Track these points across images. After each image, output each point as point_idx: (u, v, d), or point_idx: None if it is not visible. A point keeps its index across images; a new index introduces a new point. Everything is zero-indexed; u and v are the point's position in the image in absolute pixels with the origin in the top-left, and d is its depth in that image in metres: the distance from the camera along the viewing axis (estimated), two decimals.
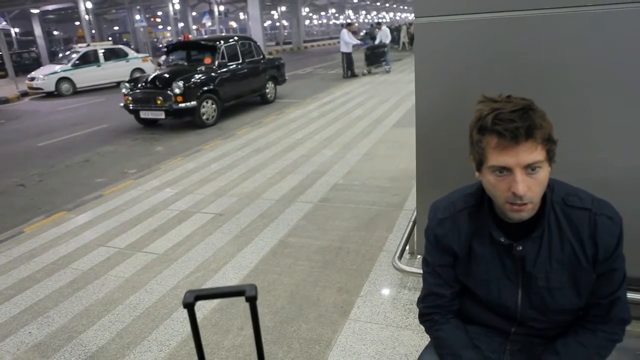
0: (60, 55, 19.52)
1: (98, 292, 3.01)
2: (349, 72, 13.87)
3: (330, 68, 17.74)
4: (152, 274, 3.17)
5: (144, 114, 8.39)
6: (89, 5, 23.76)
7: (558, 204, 1.17)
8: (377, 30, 15.38)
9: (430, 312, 1.33)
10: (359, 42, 14.67)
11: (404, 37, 23.65)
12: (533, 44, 1.98)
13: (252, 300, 0.96)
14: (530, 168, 1.05)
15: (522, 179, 1.05)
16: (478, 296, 1.28)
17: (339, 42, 14.50)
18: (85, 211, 4.51)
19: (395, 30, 25.52)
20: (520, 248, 1.17)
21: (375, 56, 14.17)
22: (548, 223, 1.16)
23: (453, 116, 2.11)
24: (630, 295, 2.06)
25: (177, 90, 7.85)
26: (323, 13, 58.63)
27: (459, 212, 1.25)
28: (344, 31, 13.80)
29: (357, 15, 66.09)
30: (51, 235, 4.01)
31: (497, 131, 1.05)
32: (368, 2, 58.18)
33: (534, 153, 1.05)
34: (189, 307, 0.98)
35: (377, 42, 14.98)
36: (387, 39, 14.57)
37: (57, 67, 15.41)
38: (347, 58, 13.86)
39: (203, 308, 2.71)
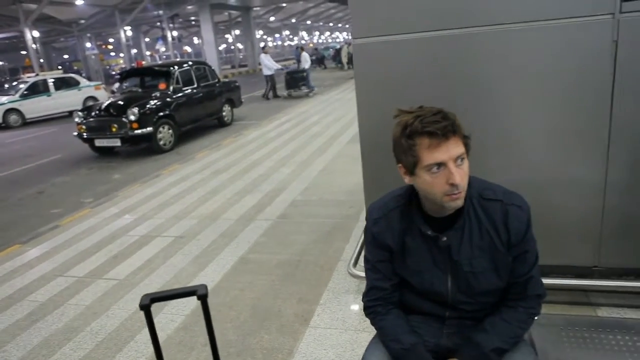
0: (7, 86, 18.85)
1: (58, 322, 2.98)
2: (272, 93, 14.53)
3: (285, 89, 17.97)
4: (114, 300, 3.17)
5: (99, 142, 8.28)
6: (36, 34, 23.21)
7: (475, 198, 1.33)
8: (301, 54, 15.90)
9: (373, 304, 1.47)
10: (279, 66, 15.19)
11: (344, 57, 24.33)
12: (458, 59, 2.20)
13: (203, 299, 1.07)
14: (460, 159, 1.22)
15: (456, 170, 1.21)
16: (414, 286, 1.43)
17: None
18: (41, 243, 4.43)
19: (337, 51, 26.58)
20: (445, 239, 1.32)
21: (295, 80, 14.73)
22: (468, 215, 1.32)
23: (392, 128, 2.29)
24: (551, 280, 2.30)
25: (132, 117, 7.82)
26: (277, 35, 59.40)
27: (391, 211, 1.40)
28: (263, 55, 14.32)
29: (311, 36, 67.32)
30: (5, 269, 3.92)
31: (427, 132, 1.20)
32: (321, 24, 59.45)
33: (459, 147, 1.23)
34: (145, 309, 1.08)
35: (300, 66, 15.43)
36: (307, 64, 15.15)
37: (4, 99, 14.89)
38: (270, 80, 14.48)
39: (167, 328, 2.75)
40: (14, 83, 17.15)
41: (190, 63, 9.87)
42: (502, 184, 1.40)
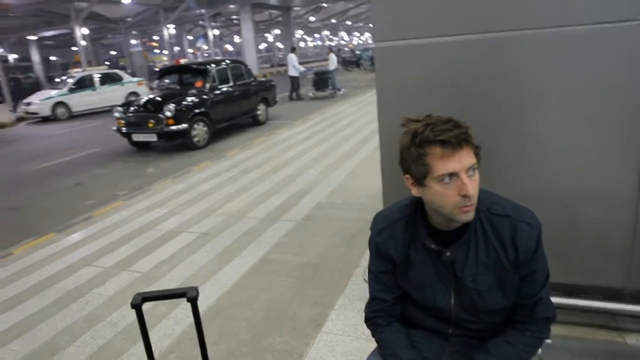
0: (57, 80, 19.76)
1: (81, 310, 3.09)
2: (295, 94, 14.53)
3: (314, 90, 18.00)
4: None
5: (136, 137, 8.54)
6: (85, 31, 24.20)
7: (483, 212, 1.28)
8: (329, 54, 15.80)
9: (374, 316, 1.44)
10: (303, 68, 15.22)
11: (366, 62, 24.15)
12: (485, 65, 2.13)
13: (193, 301, 1.08)
14: (472, 170, 1.18)
15: (468, 181, 1.16)
16: (416, 300, 1.39)
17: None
18: (74, 232, 4.61)
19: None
20: (449, 254, 1.28)
21: (322, 81, 14.77)
22: (474, 230, 1.27)
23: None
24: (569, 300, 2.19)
25: (168, 113, 8.02)
26: (317, 35, 59.61)
27: (395, 222, 1.37)
28: (291, 56, 14.31)
29: (351, 37, 67.21)
30: (39, 256, 4.10)
31: (440, 141, 1.15)
32: (361, 24, 59.23)
33: (471, 157, 1.18)
34: (137, 307, 1.10)
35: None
36: (333, 66, 15.06)
37: (53, 92, 15.64)
38: (294, 81, 14.47)
39: (182, 323, 2.80)
40: (63, 78, 17.93)
41: (227, 62, 10.05)
42: (521, 197, 1.34)
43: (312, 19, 45.64)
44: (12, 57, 34.73)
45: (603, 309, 2.29)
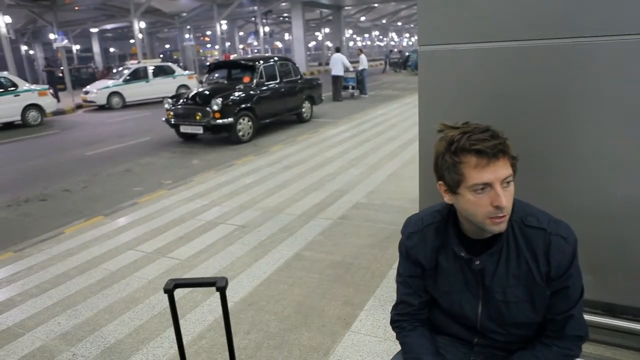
0: (115, 70, 20.70)
1: (122, 291, 3.24)
2: (338, 93, 14.42)
3: (370, 89, 17.94)
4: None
5: (183, 129, 8.83)
6: (143, 24, 25.17)
7: (517, 223, 1.26)
8: (359, 55, 15.55)
9: (399, 319, 1.44)
10: (351, 67, 15.09)
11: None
12: (532, 73, 2.07)
13: (221, 291, 1.12)
14: (506, 182, 1.16)
15: (502, 192, 1.15)
16: (443, 307, 1.38)
17: (381, 64, 14.86)
18: (121, 217, 4.83)
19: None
20: (478, 262, 1.26)
21: (359, 82, 14.95)
22: (507, 240, 1.25)
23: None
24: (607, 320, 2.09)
25: (215, 107, 8.24)
26: (366, 35, 59.34)
27: (426, 227, 1.36)
28: (340, 55, 14.32)
29: (401, 38, 66.48)
30: (88, 237, 4.33)
31: (476, 150, 1.14)
32: (412, 26, 58.46)
33: (507, 168, 1.16)
34: (169, 292, 1.15)
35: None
36: (361, 67, 14.92)
37: (110, 82, 16.40)
38: (338, 81, 14.39)
39: (215, 312, 2.88)
40: (120, 69, 18.75)
41: (275, 59, 10.19)
42: (566, 210, 1.30)
43: (362, 18, 45.48)
44: (75, 47, 36.62)
45: None
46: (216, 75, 10.25)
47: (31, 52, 36.97)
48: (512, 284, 1.25)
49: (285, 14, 36.12)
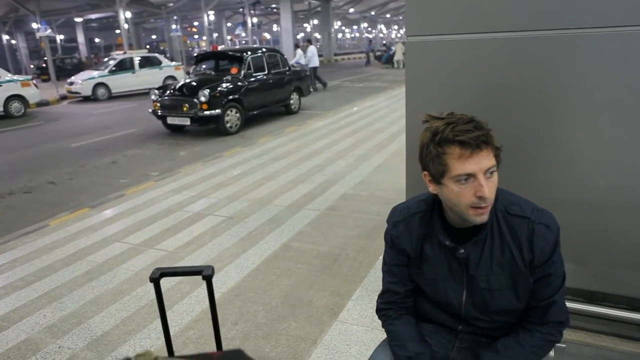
0: (96, 62, 20.39)
1: (109, 283, 3.22)
2: (313, 86, 14.18)
3: (358, 81, 17.97)
4: None
5: (170, 120, 8.75)
6: (128, 14, 24.78)
7: (501, 212, 1.27)
8: (307, 47, 14.95)
9: (385, 307, 1.45)
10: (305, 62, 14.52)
11: (397, 55, 23.45)
12: (519, 65, 2.08)
13: (208, 279, 1.12)
14: (489, 172, 1.17)
15: (485, 182, 1.16)
16: (428, 295, 1.39)
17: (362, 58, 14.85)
18: (107, 209, 4.79)
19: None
20: (462, 251, 1.28)
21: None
22: (491, 229, 1.27)
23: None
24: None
25: (202, 99, 8.17)
26: (355, 27, 59.14)
27: (411, 216, 1.37)
28: (313, 47, 14.42)
29: (390, 30, 66.40)
30: (73, 229, 4.28)
31: (459, 141, 1.15)
32: (401, 18, 58.36)
33: (490, 159, 1.17)
34: (155, 281, 1.15)
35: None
36: (312, 63, 14.40)
37: (95, 73, 16.15)
38: (316, 73, 14.52)
39: (202, 303, 2.88)
40: (105, 59, 18.46)
41: (263, 50, 10.12)
42: (549, 200, 1.32)
43: (351, 10, 45.28)
44: (58, 37, 35.96)
45: (627, 318, 2.22)
46: (203, 66, 10.14)
47: (13, 41, 36.22)
48: (496, 272, 1.27)
49: (274, 5, 35.79)
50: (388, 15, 55.93)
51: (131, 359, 0.42)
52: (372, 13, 50.64)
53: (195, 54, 12.50)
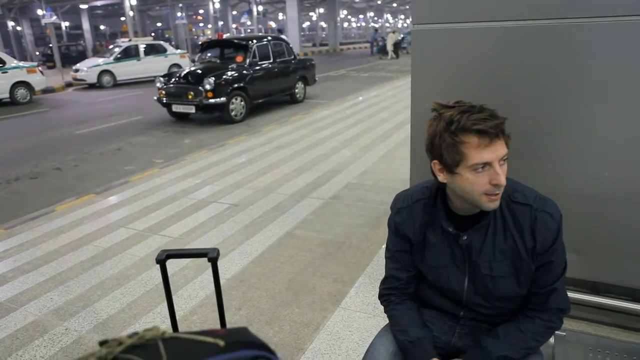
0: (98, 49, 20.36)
1: (114, 268, 3.26)
2: None
3: (363, 71, 17.88)
4: None
5: (175, 108, 8.75)
6: (134, 1, 24.65)
7: (504, 200, 1.27)
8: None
9: (387, 293, 1.47)
10: None
11: (390, 46, 23.22)
12: (525, 54, 2.07)
13: (213, 261, 1.13)
14: (503, 160, 1.18)
15: (501, 170, 1.16)
16: (431, 281, 1.41)
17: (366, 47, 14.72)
18: (112, 195, 4.82)
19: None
20: (465, 237, 1.28)
21: None
22: (493, 216, 1.27)
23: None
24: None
25: (207, 86, 8.16)
26: (361, 16, 58.65)
27: (415, 203, 1.38)
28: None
29: (396, 20, 65.81)
30: (79, 215, 4.32)
31: (477, 130, 1.14)
32: (407, 7, 57.80)
33: (504, 146, 1.18)
34: (161, 263, 1.16)
35: None
36: None
37: (100, 61, 16.14)
38: None
39: (206, 288, 2.91)
40: (110, 47, 18.44)
41: (268, 38, 10.07)
42: (553, 190, 1.32)
43: None
44: (64, 24, 35.89)
45: (629, 309, 2.24)
46: (209, 54, 10.12)
47: (18, 28, 36.18)
48: (498, 258, 1.28)
49: None
50: (395, 5, 55.37)
51: (139, 333, 0.43)
52: (379, 2, 50.13)
53: (200, 42, 12.40)
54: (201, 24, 51.54)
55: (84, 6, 33.80)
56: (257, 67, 9.27)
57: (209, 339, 0.45)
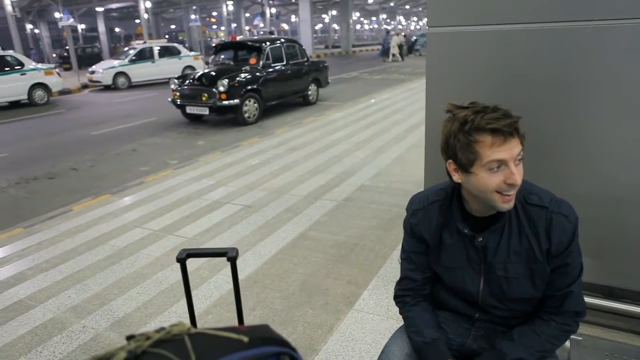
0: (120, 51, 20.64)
1: (130, 267, 3.31)
2: None
3: (375, 73, 17.86)
4: None
5: (189, 110, 8.84)
6: (148, 4, 24.96)
7: (519, 202, 1.28)
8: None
9: (403, 294, 1.48)
10: None
11: (393, 48, 23.02)
12: (541, 56, 2.07)
13: (232, 261, 1.15)
14: (518, 159, 1.18)
15: (516, 169, 1.17)
16: (446, 283, 1.41)
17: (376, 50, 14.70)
18: (128, 195, 4.89)
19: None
20: (481, 239, 1.29)
21: None
22: (509, 218, 1.28)
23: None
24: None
25: (221, 88, 8.23)
26: (374, 18, 58.60)
27: (430, 205, 1.39)
28: None
29: (409, 22, 65.63)
30: (96, 214, 4.39)
31: (491, 129, 1.15)
32: (420, 9, 57.65)
33: (519, 146, 1.18)
34: (182, 261, 1.19)
35: None
36: None
37: (115, 62, 16.36)
38: None
39: (221, 288, 2.94)
40: (125, 49, 18.68)
41: (282, 40, 10.12)
42: (569, 193, 1.32)
43: (370, 1, 44.84)
44: (80, 27, 36.43)
45: None
46: (222, 56, 10.19)
47: (36, 30, 36.82)
48: (513, 260, 1.28)
49: None
50: (407, 7, 55.24)
51: (166, 328, 0.45)
52: (392, 4, 50.05)
53: (214, 44, 12.48)
54: (214, 26, 51.96)
55: (99, 9, 34.32)
56: (270, 69, 9.33)
57: (233, 335, 0.47)
